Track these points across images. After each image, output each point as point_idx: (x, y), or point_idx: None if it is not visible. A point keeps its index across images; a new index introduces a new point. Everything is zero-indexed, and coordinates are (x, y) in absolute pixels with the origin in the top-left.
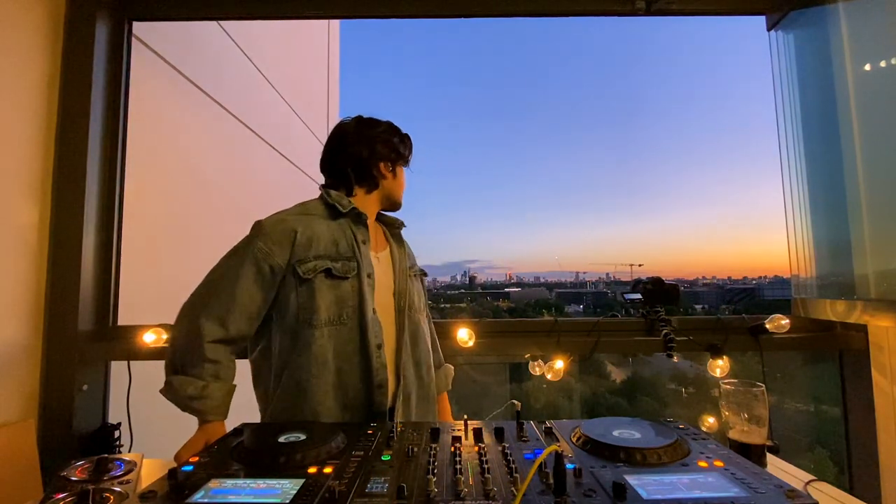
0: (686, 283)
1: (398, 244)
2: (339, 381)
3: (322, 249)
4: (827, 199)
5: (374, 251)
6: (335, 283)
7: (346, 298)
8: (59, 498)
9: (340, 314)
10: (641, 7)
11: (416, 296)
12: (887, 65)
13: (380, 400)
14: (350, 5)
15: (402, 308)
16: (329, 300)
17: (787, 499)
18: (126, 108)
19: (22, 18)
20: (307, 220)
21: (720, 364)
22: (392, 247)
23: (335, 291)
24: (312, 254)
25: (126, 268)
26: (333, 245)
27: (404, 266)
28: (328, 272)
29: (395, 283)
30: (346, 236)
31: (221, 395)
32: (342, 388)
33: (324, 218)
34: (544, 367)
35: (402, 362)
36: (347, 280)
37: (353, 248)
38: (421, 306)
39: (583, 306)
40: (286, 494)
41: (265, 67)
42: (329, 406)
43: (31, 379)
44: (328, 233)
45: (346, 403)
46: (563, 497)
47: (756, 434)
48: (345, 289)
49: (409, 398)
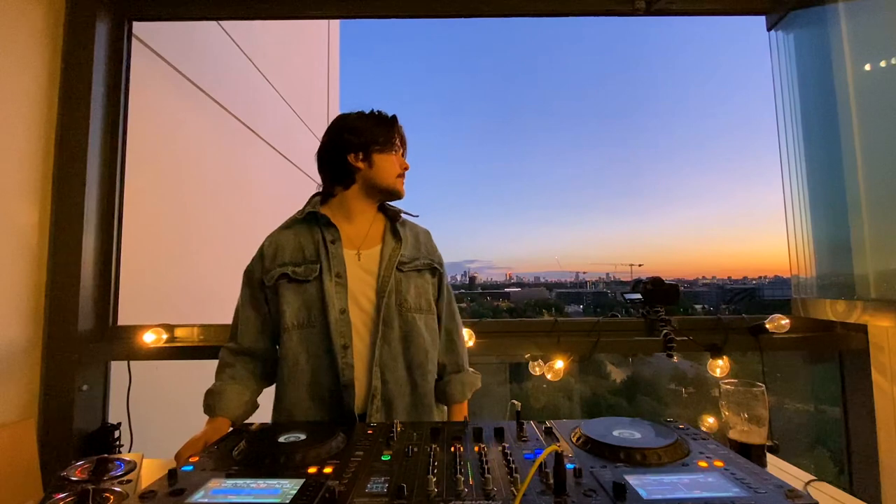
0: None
1: (395, 238)
2: (312, 382)
3: (287, 257)
4: (827, 199)
5: (358, 248)
6: (298, 286)
7: (311, 301)
8: (59, 498)
9: (309, 317)
10: (641, 7)
11: (414, 293)
12: (887, 65)
13: (348, 400)
14: (350, 5)
15: (387, 306)
16: (296, 304)
17: (787, 499)
18: (126, 108)
19: (22, 18)
20: (277, 233)
21: (720, 364)
22: (385, 242)
23: (301, 295)
24: (278, 262)
25: (126, 268)
26: (299, 251)
27: (394, 261)
28: (287, 277)
29: (377, 281)
30: (315, 239)
31: (233, 396)
32: (317, 390)
33: (298, 226)
34: (544, 367)
35: (378, 364)
36: (310, 282)
37: (319, 249)
38: (422, 304)
39: (583, 306)
40: (286, 494)
41: (265, 67)
42: (305, 408)
43: (31, 379)
44: (294, 240)
45: (322, 403)
46: (563, 497)
47: (756, 434)
48: (310, 292)
49: (390, 403)
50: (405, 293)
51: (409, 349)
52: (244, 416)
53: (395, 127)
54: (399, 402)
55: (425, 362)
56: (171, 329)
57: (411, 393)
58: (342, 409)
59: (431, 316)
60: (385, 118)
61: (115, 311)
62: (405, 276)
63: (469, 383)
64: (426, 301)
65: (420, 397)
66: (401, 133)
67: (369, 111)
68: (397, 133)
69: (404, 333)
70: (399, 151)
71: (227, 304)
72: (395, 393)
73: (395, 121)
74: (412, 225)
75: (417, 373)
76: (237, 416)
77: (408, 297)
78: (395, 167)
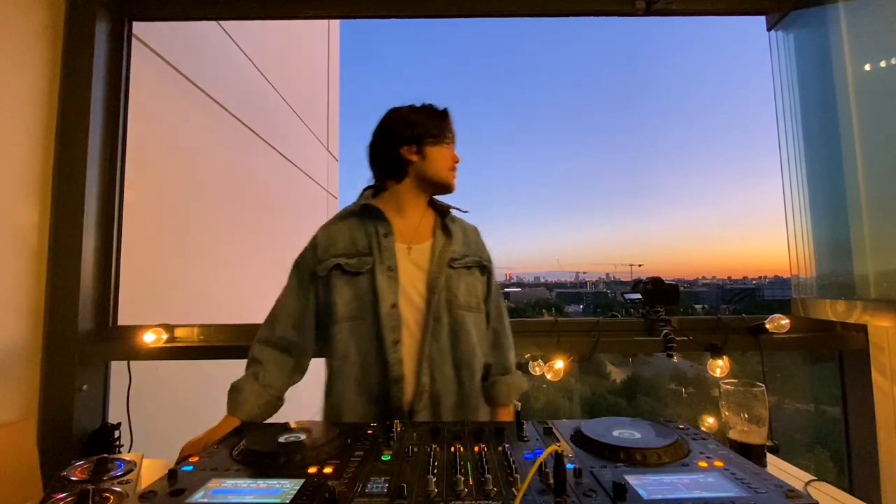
0: (686, 283)
1: (445, 234)
2: (361, 376)
3: (340, 248)
4: (827, 199)
5: (409, 243)
6: (351, 279)
7: (362, 294)
8: (58, 498)
9: (360, 309)
10: (641, 7)
11: (464, 290)
12: (887, 65)
13: (397, 395)
14: (350, 5)
15: (437, 302)
16: (347, 296)
17: (787, 499)
18: (126, 108)
19: (22, 18)
20: (330, 224)
21: (720, 364)
22: (436, 237)
23: (352, 288)
24: (331, 253)
25: (126, 268)
26: (352, 243)
27: (446, 258)
28: (340, 268)
29: (428, 276)
30: (367, 232)
31: (250, 397)
32: (364, 383)
33: (351, 218)
34: (544, 367)
35: (427, 360)
36: (362, 275)
37: (372, 242)
38: (472, 302)
39: (583, 306)
40: (286, 494)
41: (265, 67)
42: (352, 400)
43: (31, 379)
44: (348, 232)
45: (369, 397)
46: (563, 497)
47: (756, 434)
48: (361, 284)
49: (438, 401)
50: (455, 290)
51: (457, 347)
52: (261, 416)
53: (448, 120)
54: (446, 399)
55: (472, 361)
56: (171, 329)
57: (458, 391)
58: (389, 405)
59: (480, 315)
60: (437, 111)
61: (114, 311)
62: (456, 272)
63: (515, 386)
64: (475, 299)
65: (466, 396)
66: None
67: (420, 104)
68: (449, 126)
69: (453, 331)
70: (451, 145)
71: (228, 303)
72: (443, 390)
73: (447, 114)
74: (461, 221)
75: (465, 372)
76: (251, 416)
77: (458, 294)
78: (448, 160)
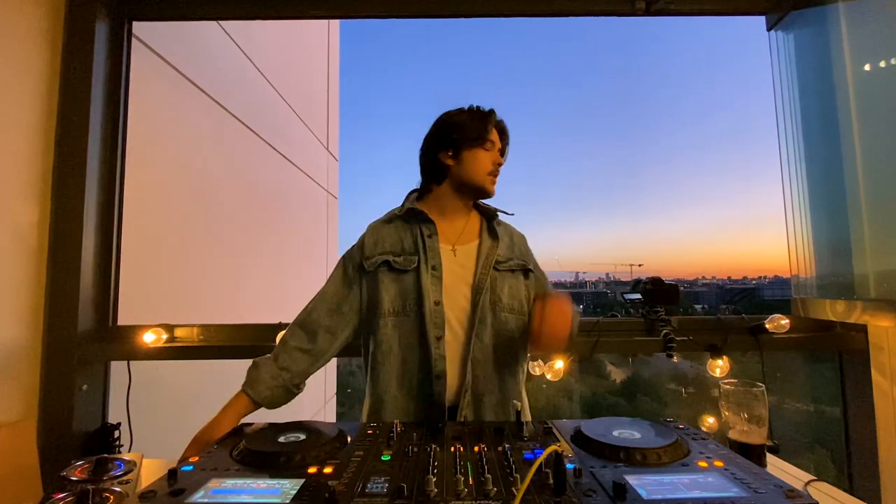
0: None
1: (492, 237)
2: (403, 370)
3: (388, 247)
4: (827, 199)
5: (454, 244)
6: (397, 276)
7: (408, 291)
8: (58, 498)
9: (404, 305)
10: (641, 7)
11: (508, 292)
12: (887, 65)
13: (439, 391)
14: (350, 5)
15: (482, 303)
16: (393, 292)
17: (787, 499)
18: (126, 108)
19: (22, 18)
20: (379, 224)
21: (720, 364)
22: (482, 239)
23: (398, 284)
24: (378, 251)
25: (126, 268)
26: (399, 242)
27: (491, 260)
28: (388, 265)
29: (474, 277)
30: (413, 233)
31: (266, 377)
32: (406, 377)
33: (398, 220)
34: (544, 367)
35: (471, 359)
36: (408, 272)
37: (417, 242)
38: (515, 305)
39: (583, 306)
40: (286, 494)
41: (265, 67)
42: (393, 394)
43: (31, 379)
44: (395, 233)
45: (410, 392)
46: (563, 497)
47: (756, 434)
48: (407, 281)
49: (480, 398)
50: (500, 292)
51: (499, 348)
52: (271, 399)
53: (490, 122)
54: (488, 398)
55: (514, 364)
56: (171, 329)
57: (499, 391)
58: (431, 401)
59: (523, 318)
60: (478, 113)
61: (115, 311)
62: (500, 275)
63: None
64: (518, 302)
65: (507, 397)
66: (500, 127)
67: (469, 106)
68: (493, 128)
69: (496, 332)
70: (493, 148)
71: (228, 303)
72: (485, 389)
73: (489, 115)
74: (507, 226)
75: (506, 371)
76: (262, 397)
77: (502, 297)
78: (486, 164)
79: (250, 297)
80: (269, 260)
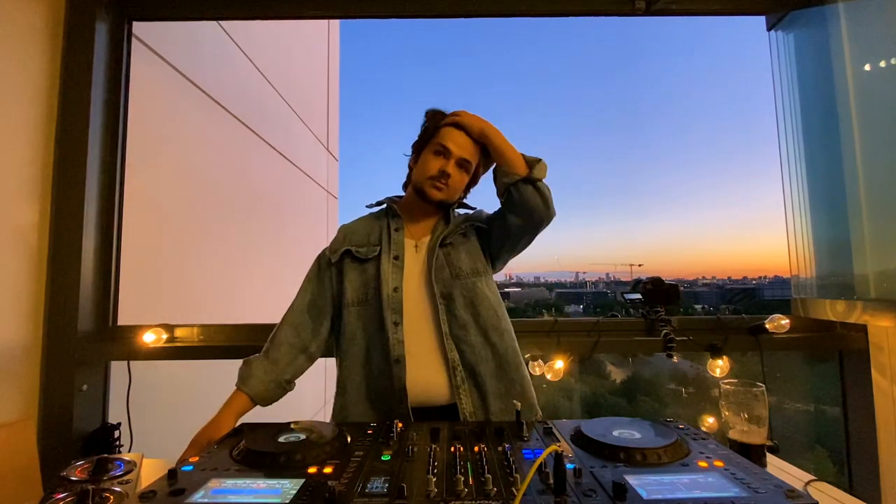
0: (686, 283)
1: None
2: (366, 357)
3: (355, 241)
4: (827, 199)
5: (417, 239)
6: (360, 265)
7: (369, 279)
8: (58, 498)
9: (366, 294)
10: (641, 7)
11: (466, 258)
12: (887, 65)
13: (398, 375)
14: (350, 5)
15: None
16: (357, 282)
17: (787, 499)
18: (126, 108)
19: (22, 18)
20: (352, 222)
21: (720, 364)
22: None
23: (361, 275)
24: (345, 244)
25: (126, 268)
26: (366, 236)
27: (439, 239)
28: (350, 254)
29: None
30: (381, 227)
31: (258, 372)
32: (368, 364)
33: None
34: (544, 367)
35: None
36: (370, 261)
37: (383, 235)
38: (479, 268)
39: (583, 306)
40: (286, 494)
41: (265, 67)
42: (357, 381)
43: (31, 379)
44: (365, 227)
45: (370, 378)
46: (563, 497)
47: (756, 434)
48: (369, 271)
49: (473, 370)
50: (457, 262)
51: (478, 314)
52: (266, 394)
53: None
54: (483, 367)
55: (497, 321)
56: (171, 329)
57: (493, 356)
58: (393, 386)
59: (490, 277)
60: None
61: (115, 311)
62: (452, 247)
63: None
64: (482, 264)
65: (502, 358)
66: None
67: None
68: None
69: (469, 300)
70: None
71: (228, 303)
72: (475, 359)
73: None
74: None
75: (493, 334)
76: (257, 392)
77: (462, 266)
78: (430, 168)
79: (250, 297)
80: (269, 260)
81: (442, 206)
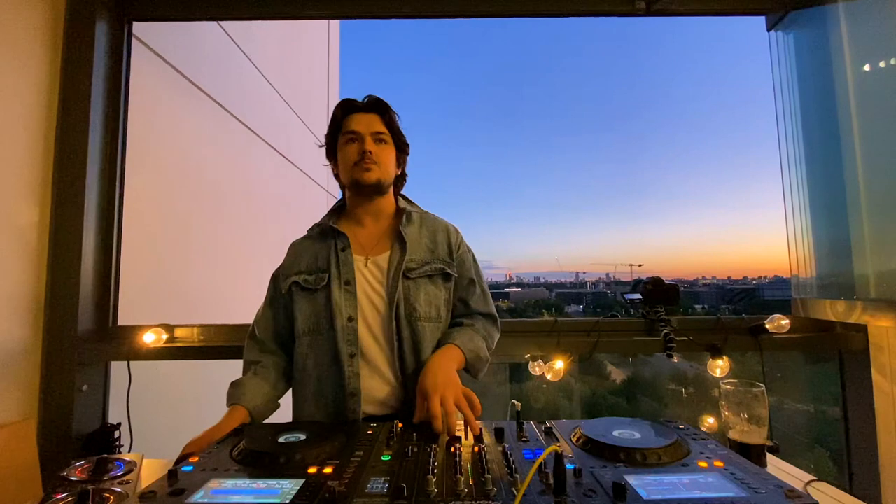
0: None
1: (400, 243)
2: (318, 390)
3: (303, 265)
4: (827, 199)
5: (367, 254)
6: (309, 295)
7: (320, 309)
8: (58, 498)
9: (318, 324)
10: (641, 7)
11: (424, 301)
12: (887, 65)
13: (353, 408)
14: (350, 5)
15: (397, 316)
16: (307, 311)
17: (787, 499)
18: (126, 108)
19: (22, 18)
20: (300, 241)
21: (720, 364)
22: (394, 247)
23: (311, 304)
24: (294, 270)
25: (126, 268)
26: (314, 259)
27: (401, 269)
28: (298, 285)
29: (385, 290)
30: (328, 247)
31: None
32: (321, 397)
33: (316, 235)
34: (544, 367)
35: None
36: (318, 291)
37: (330, 258)
38: (432, 313)
39: (583, 306)
40: (286, 494)
41: (265, 67)
42: (309, 413)
43: (31, 379)
44: (312, 248)
45: (326, 410)
46: (563, 497)
47: (756, 434)
48: (319, 300)
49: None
50: (415, 302)
51: (419, 360)
52: (263, 407)
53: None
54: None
55: None
56: (171, 329)
57: None
58: (345, 419)
59: (440, 325)
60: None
61: (115, 311)
62: (414, 283)
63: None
64: (436, 309)
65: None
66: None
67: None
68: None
69: (414, 344)
70: (358, 137)
71: (227, 303)
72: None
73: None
74: (431, 223)
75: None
76: (255, 405)
77: (417, 307)
78: (350, 156)
79: (250, 297)
80: (269, 260)
81: (381, 189)
